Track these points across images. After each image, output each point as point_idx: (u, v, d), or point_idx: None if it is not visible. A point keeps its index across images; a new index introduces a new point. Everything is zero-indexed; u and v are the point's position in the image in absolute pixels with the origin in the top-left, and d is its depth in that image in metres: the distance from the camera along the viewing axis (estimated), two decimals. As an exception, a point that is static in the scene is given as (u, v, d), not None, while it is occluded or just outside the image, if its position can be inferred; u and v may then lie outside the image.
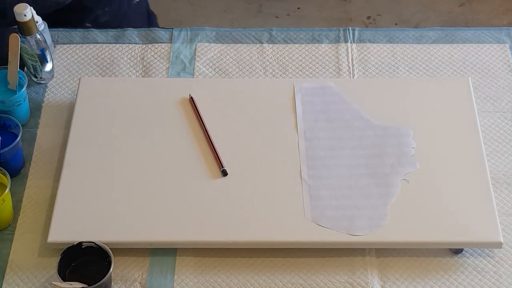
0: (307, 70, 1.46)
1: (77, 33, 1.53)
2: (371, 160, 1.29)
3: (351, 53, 1.49)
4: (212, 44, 1.50)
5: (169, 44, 1.51)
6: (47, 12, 1.49)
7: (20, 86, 1.35)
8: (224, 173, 1.27)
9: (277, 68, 1.46)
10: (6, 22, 1.46)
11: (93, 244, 1.17)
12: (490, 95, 1.42)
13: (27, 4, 1.33)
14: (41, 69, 1.42)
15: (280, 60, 1.47)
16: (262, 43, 1.51)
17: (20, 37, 1.34)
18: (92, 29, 1.54)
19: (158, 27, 1.64)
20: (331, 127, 1.34)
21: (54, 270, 1.16)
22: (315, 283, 1.19)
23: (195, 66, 1.47)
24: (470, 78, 1.41)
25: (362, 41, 1.50)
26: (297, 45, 1.50)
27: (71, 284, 1.12)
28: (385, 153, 1.30)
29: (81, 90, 1.38)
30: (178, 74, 1.46)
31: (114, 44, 1.51)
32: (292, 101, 1.37)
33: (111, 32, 1.53)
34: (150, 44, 1.51)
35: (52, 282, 1.14)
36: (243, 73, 1.45)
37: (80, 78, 1.41)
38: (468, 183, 1.26)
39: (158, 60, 1.48)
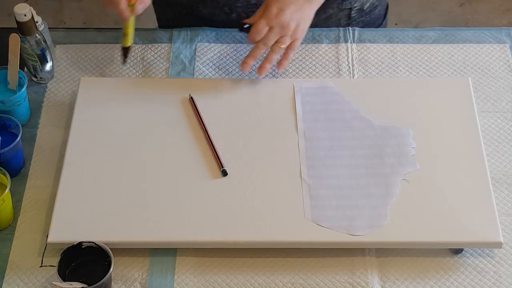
0: (307, 70, 1.46)
1: (77, 33, 1.53)
2: (371, 160, 1.29)
3: (351, 53, 1.49)
4: (212, 44, 1.50)
5: (169, 44, 1.51)
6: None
7: (20, 86, 1.35)
8: (224, 173, 1.27)
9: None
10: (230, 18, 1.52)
11: (93, 244, 1.17)
12: (490, 95, 1.42)
13: (27, 4, 1.33)
14: (41, 69, 1.42)
15: (280, 60, 1.47)
16: (262, 43, 1.50)
17: (20, 37, 1.34)
18: (92, 29, 1.54)
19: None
20: (331, 127, 1.34)
21: (54, 270, 1.16)
22: (315, 283, 1.19)
23: (195, 66, 1.47)
24: (470, 78, 1.41)
25: (362, 41, 1.50)
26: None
27: (71, 284, 1.12)
28: (385, 153, 1.30)
29: (81, 90, 1.38)
30: (178, 74, 1.46)
31: (114, 44, 1.50)
32: (292, 101, 1.37)
33: (111, 32, 1.53)
34: (150, 44, 1.50)
35: (52, 282, 1.14)
36: (243, 73, 1.45)
37: (80, 78, 1.41)
38: (468, 183, 1.26)
39: (158, 60, 1.48)
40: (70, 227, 1.21)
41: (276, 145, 1.31)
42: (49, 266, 1.20)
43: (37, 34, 1.37)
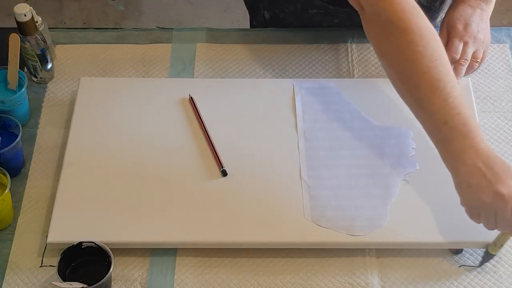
0: (307, 70, 1.46)
1: (77, 33, 1.53)
2: (371, 160, 1.29)
3: (351, 53, 1.49)
4: (212, 44, 1.50)
5: (169, 44, 1.51)
6: None
7: (20, 86, 1.35)
8: (224, 173, 1.27)
9: (277, 68, 1.46)
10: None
11: (93, 244, 1.17)
12: (490, 95, 1.42)
13: (27, 4, 1.33)
14: (41, 69, 1.42)
15: (280, 60, 1.47)
16: (262, 43, 1.50)
17: (20, 37, 1.34)
18: (92, 29, 1.54)
19: None
20: (331, 127, 1.34)
21: (54, 270, 1.16)
22: (315, 283, 1.19)
23: (195, 66, 1.47)
24: (470, 78, 1.41)
25: (362, 41, 1.50)
26: (297, 45, 1.50)
27: (71, 284, 1.12)
28: (385, 153, 1.30)
29: (81, 90, 1.38)
30: (178, 74, 1.46)
31: (114, 44, 1.51)
32: (292, 101, 1.37)
33: (111, 32, 1.53)
34: (150, 44, 1.50)
35: (52, 282, 1.14)
36: (243, 73, 1.45)
37: (80, 78, 1.41)
38: (468, 183, 1.26)
39: (158, 60, 1.48)
40: (69, 227, 1.21)
41: (276, 145, 1.31)
42: (49, 266, 1.20)
43: (37, 34, 1.37)
